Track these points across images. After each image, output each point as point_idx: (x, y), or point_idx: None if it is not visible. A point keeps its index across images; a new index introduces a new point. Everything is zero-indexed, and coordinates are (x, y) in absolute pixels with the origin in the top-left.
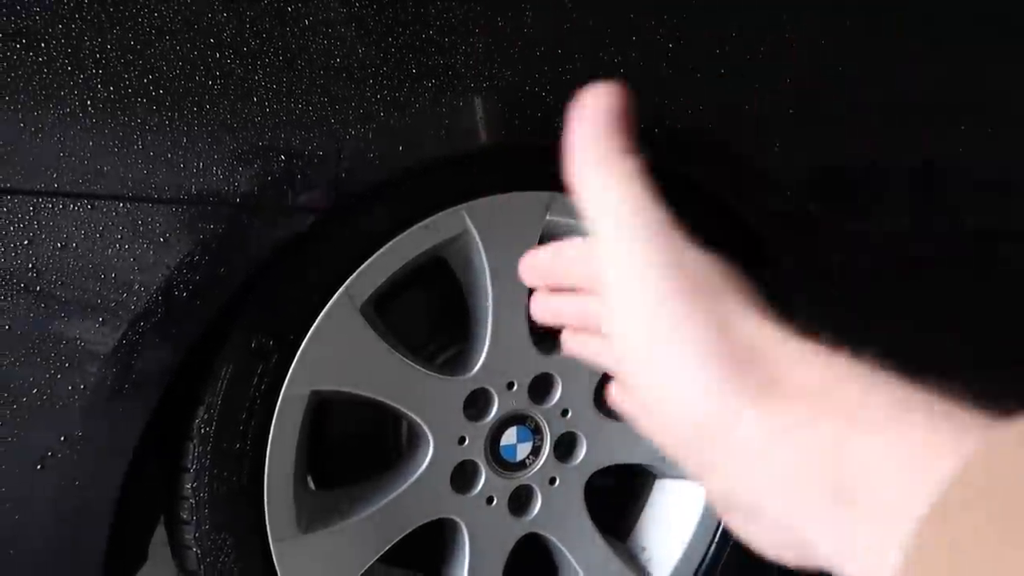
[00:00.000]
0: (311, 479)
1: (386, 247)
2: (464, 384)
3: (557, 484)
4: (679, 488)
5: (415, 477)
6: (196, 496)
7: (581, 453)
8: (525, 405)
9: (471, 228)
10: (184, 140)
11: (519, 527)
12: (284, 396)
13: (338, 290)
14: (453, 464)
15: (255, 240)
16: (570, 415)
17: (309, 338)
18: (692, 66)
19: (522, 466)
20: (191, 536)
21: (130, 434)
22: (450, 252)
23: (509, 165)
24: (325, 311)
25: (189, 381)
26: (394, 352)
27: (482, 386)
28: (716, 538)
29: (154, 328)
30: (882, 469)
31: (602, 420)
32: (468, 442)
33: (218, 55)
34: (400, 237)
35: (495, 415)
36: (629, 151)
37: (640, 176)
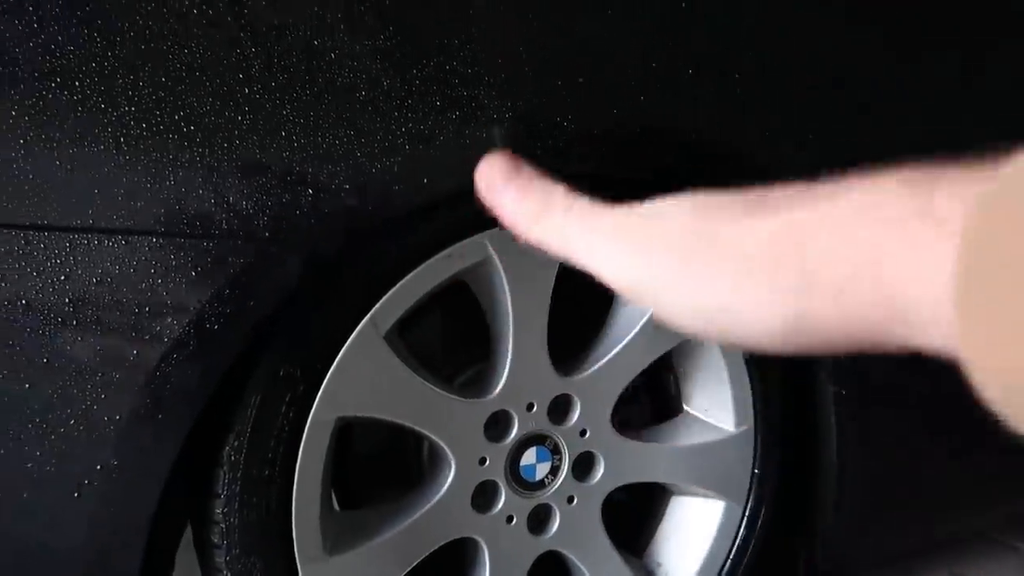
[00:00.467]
0: (335, 498)
1: (410, 275)
2: (485, 406)
3: (575, 503)
4: (695, 504)
5: (437, 498)
6: (227, 521)
7: (599, 472)
8: (544, 426)
9: (493, 255)
10: (215, 175)
11: (538, 545)
12: (311, 423)
13: (363, 319)
14: (474, 484)
15: (283, 272)
16: (588, 435)
17: (335, 366)
18: (710, 93)
19: (541, 485)
20: (222, 560)
21: (163, 462)
22: (472, 277)
23: None
24: (351, 340)
25: (219, 409)
26: (417, 377)
27: (503, 408)
28: (732, 554)
29: (186, 359)
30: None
31: (619, 440)
32: (489, 463)
33: (247, 90)
34: (424, 265)
35: (515, 436)
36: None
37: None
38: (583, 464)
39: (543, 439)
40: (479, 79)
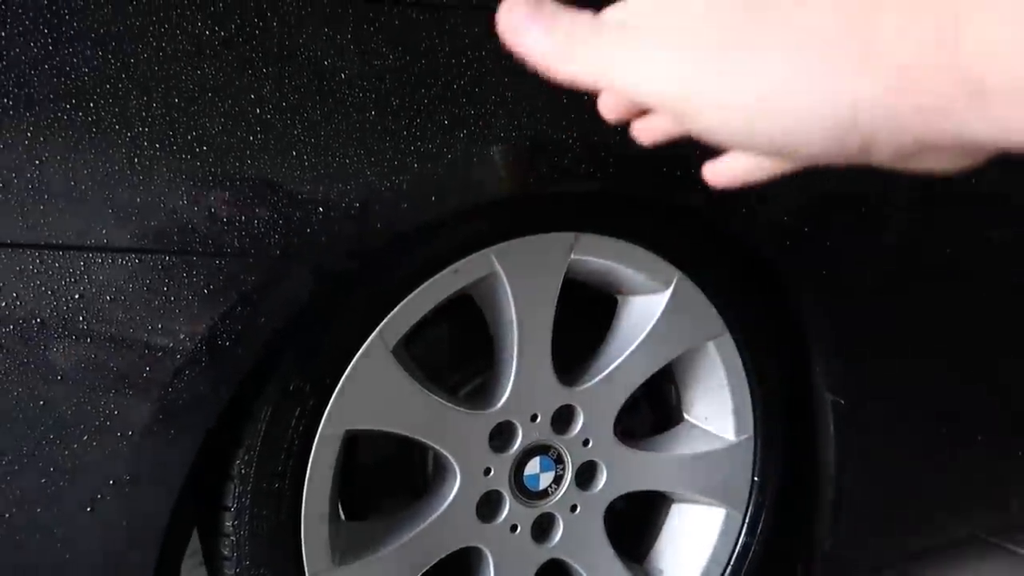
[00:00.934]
0: (341, 509)
1: (418, 290)
2: (490, 417)
3: (578, 511)
4: (695, 512)
5: (443, 508)
6: (237, 533)
7: (601, 481)
8: (548, 436)
9: (499, 270)
10: (226, 194)
11: (541, 554)
12: (320, 436)
13: (372, 334)
14: (479, 494)
15: (293, 288)
16: (591, 444)
17: (344, 381)
18: None
19: (544, 495)
20: (232, 572)
21: (175, 476)
22: (477, 291)
23: (535, 208)
24: (359, 355)
25: (230, 423)
26: (424, 390)
27: (507, 419)
28: (732, 560)
29: (198, 374)
30: None
31: (622, 449)
32: (493, 473)
33: (259, 111)
34: (431, 281)
35: (519, 446)
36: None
37: None
38: (586, 473)
39: (547, 449)
40: (486, 99)
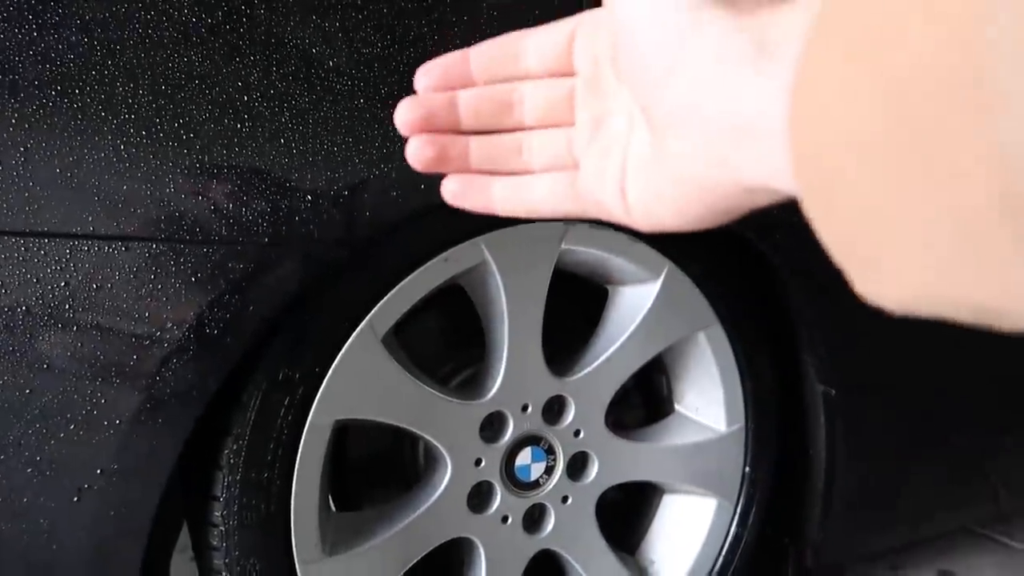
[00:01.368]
0: (332, 500)
1: (408, 279)
2: (481, 408)
3: (569, 502)
4: (687, 503)
5: (434, 499)
6: (226, 523)
7: (593, 472)
8: (539, 427)
9: (489, 259)
10: (214, 182)
11: (533, 544)
12: (310, 426)
13: (361, 323)
14: (470, 485)
15: (281, 277)
16: (582, 435)
17: (333, 370)
18: None
19: (536, 485)
20: (221, 562)
21: (163, 465)
22: (468, 281)
23: None
24: (349, 344)
25: (218, 413)
26: (414, 380)
27: (498, 409)
28: (723, 551)
29: (186, 363)
30: (798, 24)
31: (613, 440)
32: (484, 464)
33: (246, 98)
34: (421, 270)
35: (510, 437)
36: None
37: None
38: (577, 464)
39: (538, 440)
40: None
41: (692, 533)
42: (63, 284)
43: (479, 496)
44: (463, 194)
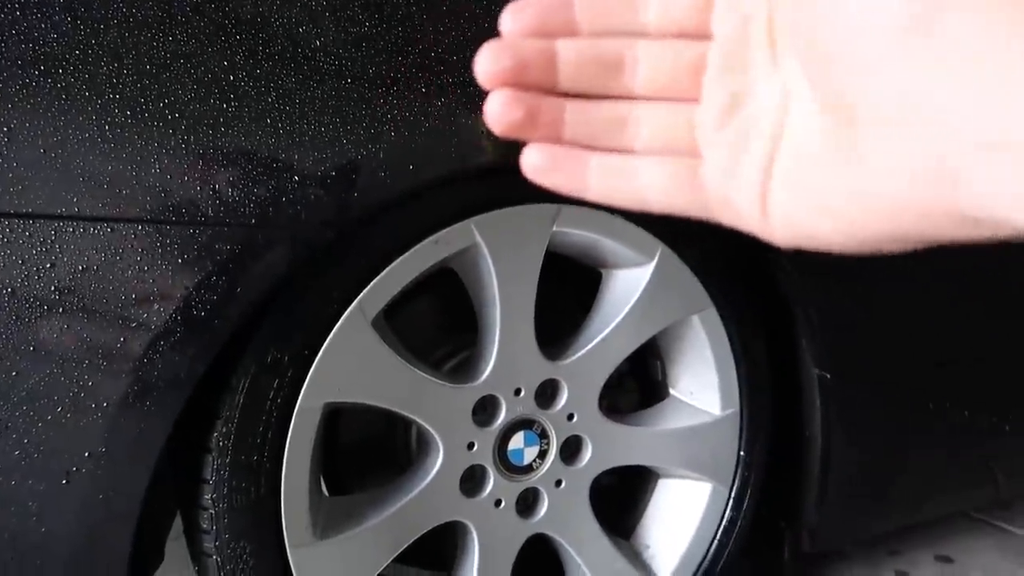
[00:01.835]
0: (324, 485)
1: (397, 261)
2: (473, 391)
3: (563, 486)
4: (681, 487)
5: (426, 482)
6: (215, 506)
7: (586, 456)
8: (532, 410)
9: (480, 241)
10: (200, 162)
11: (526, 528)
12: (299, 409)
13: (351, 305)
14: (462, 469)
15: (270, 259)
16: (576, 419)
17: (323, 352)
18: None
19: (529, 469)
20: (211, 545)
21: (152, 448)
22: (459, 263)
23: (517, 179)
24: (338, 326)
25: (207, 395)
26: (405, 363)
27: (490, 393)
28: (718, 535)
29: (173, 346)
30: None
31: (607, 423)
32: (477, 447)
33: (232, 77)
34: (411, 251)
35: (503, 420)
36: None
37: None
38: (571, 448)
39: (531, 424)
40: (465, 66)
41: (687, 517)
42: (48, 266)
43: (472, 480)
44: (550, 170)
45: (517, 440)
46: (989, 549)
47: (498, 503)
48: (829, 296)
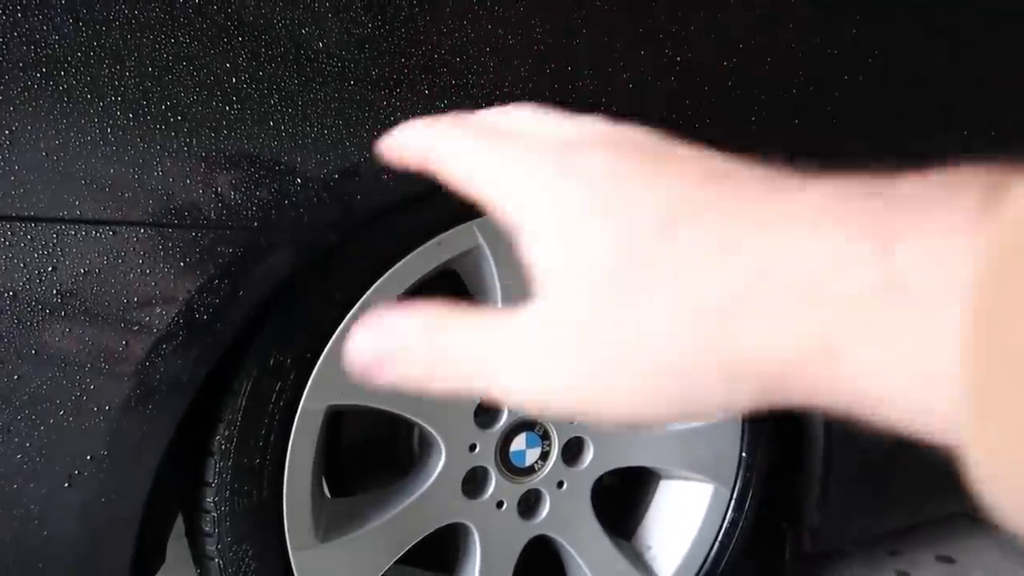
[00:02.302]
0: (326, 487)
1: (400, 264)
2: None
3: (565, 487)
4: (683, 488)
5: (428, 484)
6: (218, 509)
7: (588, 457)
8: None
9: (482, 243)
10: (202, 165)
11: (528, 530)
12: (302, 412)
13: (353, 307)
14: (465, 471)
15: (272, 261)
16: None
17: (325, 355)
18: (700, 79)
19: (531, 471)
20: (213, 548)
21: (154, 452)
22: (461, 265)
23: None
24: (340, 328)
25: (209, 398)
26: None
27: None
28: (720, 536)
29: (176, 349)
30: (927, 249)
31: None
32: (479, 449)
33: (235, 80)
34: (414, 254)
35: (505, 422)
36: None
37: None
38: (572, 449)
39: (533, 425)
40: (467, 68)
41: (689, 518)
42: (50, 269)
43: (474, 482)
44: None
45: (519, 442)
46: (990, 549)
47: (500, 504)
48: None
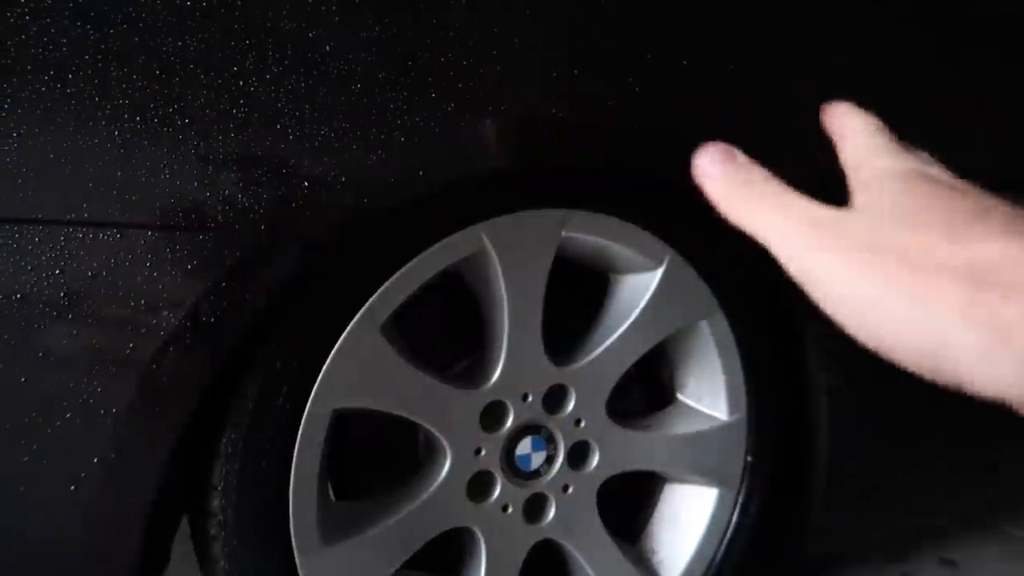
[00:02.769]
0: (332, 490)
1: (406, 267)
2: (481, 396)
3: (570, 491)
4: (688, 492)
5: (433, 488)
6: (224, 513)
7: (594, 461)
8: (539, 415)
9: (488, 246)
10: (209, 168)
11: (533, 534)
12: (308, 415)
13: (359, 310)
14: (470, 474)
15: (279, 264)
16: (583, 424)
17: (331, 358)
18: (707, 83)
19: (536, 475)
20: (219, 551)
21: (160, 455)
22: (467, 268)
23: (526, 184)
24: (347, 332)
25: (215, 401)
26: (413, 368)
27: (498, 398)
28: (725, 541)
29: (182, 352)
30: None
31: (614, 428)
32: (484, 452)
33: (242, 83)
34: (420, 257)
35: (511, 426)
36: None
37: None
38: (578, 453)
39: (538, 429)
40: (475, 71)
41: (694, 523)
42: (57, 272)
43: (479, 485)
44: None
45: (524, 445)
46: (993, 552)
47: (505, 508)
48: None
